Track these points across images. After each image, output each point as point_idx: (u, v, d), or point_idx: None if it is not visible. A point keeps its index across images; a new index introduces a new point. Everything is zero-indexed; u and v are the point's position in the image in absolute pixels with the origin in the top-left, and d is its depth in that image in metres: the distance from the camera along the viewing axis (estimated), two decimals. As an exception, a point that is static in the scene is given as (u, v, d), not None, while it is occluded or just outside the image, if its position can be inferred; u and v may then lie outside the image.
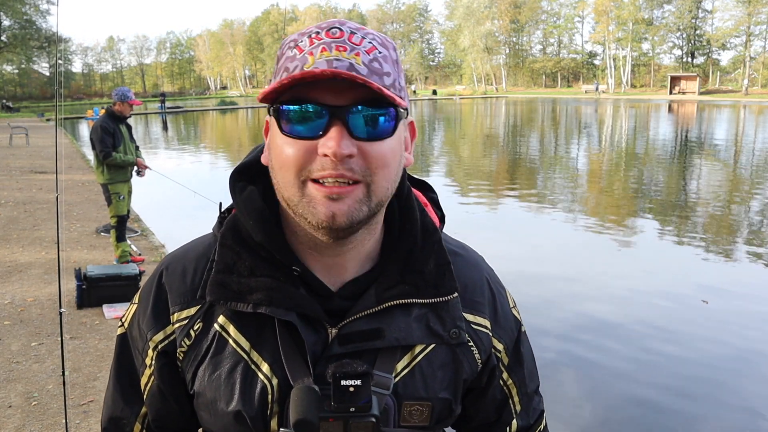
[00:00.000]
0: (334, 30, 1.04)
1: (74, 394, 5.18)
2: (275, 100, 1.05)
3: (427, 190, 1.35)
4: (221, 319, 1.14)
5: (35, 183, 16.93)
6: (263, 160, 1.15)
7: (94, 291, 7.18)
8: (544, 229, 12.29)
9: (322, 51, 1.01)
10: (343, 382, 1.04)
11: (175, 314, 1.17)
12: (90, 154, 9.06)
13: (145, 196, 11.26)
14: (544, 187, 17.60)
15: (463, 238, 1.36)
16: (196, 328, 1.16)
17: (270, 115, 1.09)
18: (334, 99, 1.00)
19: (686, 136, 32.31)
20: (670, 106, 62.53)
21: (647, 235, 11.74)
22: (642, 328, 7.19)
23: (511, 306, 1.33)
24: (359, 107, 1.01)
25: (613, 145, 29.07)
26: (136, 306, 1.25)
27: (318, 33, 1.04)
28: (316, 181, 1.02)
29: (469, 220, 12.49)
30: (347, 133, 1.00)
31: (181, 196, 10.88)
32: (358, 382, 1.04)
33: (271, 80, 1.10)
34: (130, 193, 8.71)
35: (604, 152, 26.03)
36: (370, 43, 1.05)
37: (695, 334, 7.07)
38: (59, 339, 4.20)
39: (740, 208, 14.12)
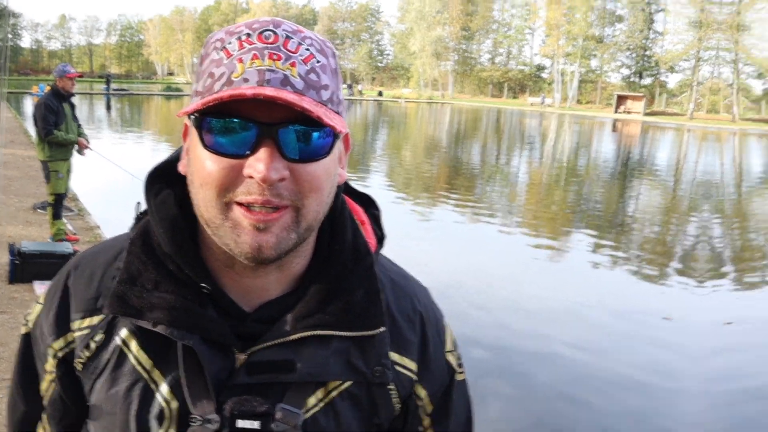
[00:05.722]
0: (267, 33, 0.92)
1: (0, 368, 5.16)
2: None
3: (369, 205, 1.21)
4: (124, 332, 1.03)
5: (-30, 156, 16.48)
6: (180, 168, 1.04)
7: (28, 267, 7.13)
8: (477, 238, 12.53)
9: (253, 58, 0.90)
10: (239, 423, 0.97)
11: (77, 322, 1.06)
12: (33, 130, 8.92)
13: (84, 176, 11.12)
14: (482, 196, 17.86)
15: (396, 243, 1.26)
16: (97, 339, 1.05)
17: (190, 122, 0.98)
18: (264, 114, 0.89)
19: (628, 158, 32.58)
20: (614, 125, 62.49)
21: (581, 250, 12.06)
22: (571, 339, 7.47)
23: (448, 350, 1.18)
24: (292, 126, 0.91)
25: (554, 160, 29.45)
26: (41, 307, 1.13)
27: (249, 35, 0.93)
28: (241, 203, 0.92)
29: (403, 224, 12.64)
30: (278, 154, 0.89)
31: (119, 179, 10.78)
32: (256, 425, 0.97)
33: (192, 76, 1.03)
34: (69, 171, 8.64)
35: (545, 167, 26.40)
36: (307, 50, 0.94)
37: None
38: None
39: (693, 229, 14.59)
